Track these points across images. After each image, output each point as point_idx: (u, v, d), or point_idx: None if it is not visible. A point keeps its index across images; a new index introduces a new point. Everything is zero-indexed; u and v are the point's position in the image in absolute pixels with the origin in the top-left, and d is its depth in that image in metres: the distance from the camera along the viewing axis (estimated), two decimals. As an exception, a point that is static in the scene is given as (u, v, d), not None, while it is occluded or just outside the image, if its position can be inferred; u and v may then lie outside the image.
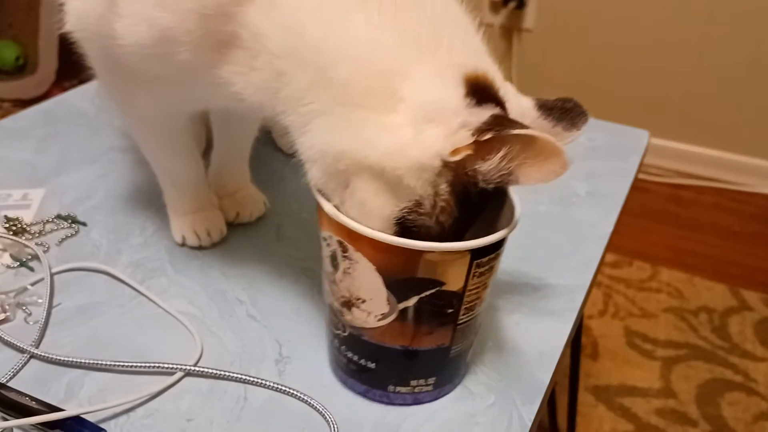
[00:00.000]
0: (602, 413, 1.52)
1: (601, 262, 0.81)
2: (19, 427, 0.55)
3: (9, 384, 0.58)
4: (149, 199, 0.84)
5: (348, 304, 0.57)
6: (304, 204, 0.81)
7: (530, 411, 0.60)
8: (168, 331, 0.66)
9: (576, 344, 1.32)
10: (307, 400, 0.59)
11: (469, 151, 0.50)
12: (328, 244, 0.57)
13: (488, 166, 0.50)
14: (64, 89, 2.54)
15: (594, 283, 0.78)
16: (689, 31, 2.22)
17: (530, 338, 0.67)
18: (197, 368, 0.61)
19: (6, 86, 2.54)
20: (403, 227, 0.53)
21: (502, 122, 0.50)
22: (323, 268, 0.59)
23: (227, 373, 0.61)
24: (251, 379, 0.61)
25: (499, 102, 0.53)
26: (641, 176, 1.00)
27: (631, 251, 1.99)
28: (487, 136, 0.49)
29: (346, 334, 0.59)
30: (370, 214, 0.53)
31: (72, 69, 2.72)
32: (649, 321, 1.78)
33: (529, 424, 0.59)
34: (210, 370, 0.61)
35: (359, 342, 0.58)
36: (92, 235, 0.78)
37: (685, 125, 2.38)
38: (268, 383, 0.60)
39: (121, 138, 0.96)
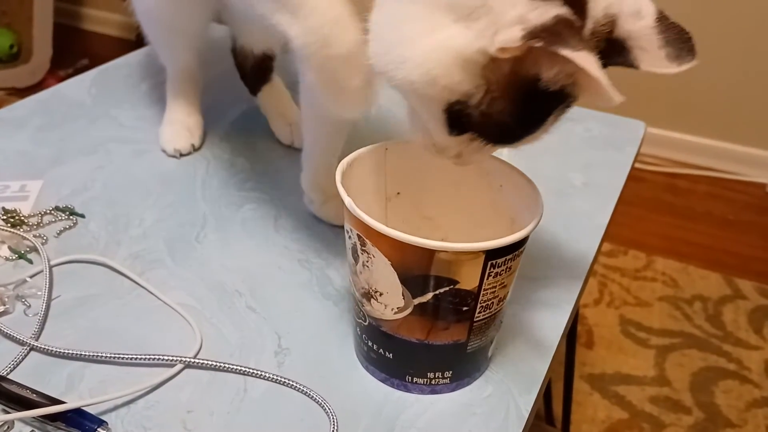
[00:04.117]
0: (597, 401, 1.53)
1: (598, 253, 0.81)
2: (20, 419, 0.55)
3: (9, 377, 0.59)
4: (147, 191, 0.84)
5: (367, 295, 0.58)
6: (302, 195, 0.82)
7: (527, 402, 0.61)
8: (167, 323, 0.66)
9: (571, 333, 1.33)
10: (306, 392, 0.60)
11: (518, 53, 0.46)
12: (350, 237, 0.57)
13: (546, 73, 0.47)
14: (59, 78, 2.54)
15: (590, 273, 0.79)
16: (685, 21, 2.21)
17: (527, 330, 0.68)
18: (197, 360, 0.62)
19: (0, 74, 2.52)
20: (453, 117, 0.51)
21: (560, 31, 0.44)
22: (347, 259, 0.60)
23: (227, 365, 0.62)
24: (251, 370, 0.61)
25: None
26: (636, 165, 1.00)
27: (626, 240, 2.00)
28: (538, 44, 0.44)
29: (366, 323, 0.60)
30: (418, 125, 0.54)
31: (67, 57, 2.73)
32: (643, 309, 1.79)
33: (526, 415, 0.59)
34: (209, 362, 0.62)
35: (378, 332, 0.59)
36: (90, 226, 0.78)
37: (680, 115, 2.38)
38: (267, 375, 0.61)
39: (119, 128, 0.96)
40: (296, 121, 0.94)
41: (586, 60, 0.44)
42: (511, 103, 0.50)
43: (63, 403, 0.55)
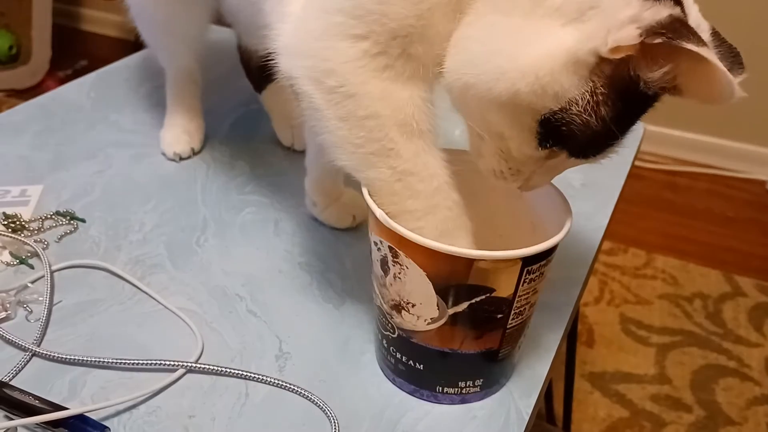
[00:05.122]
0: (598, 400, 1.53)
1: (598, 254, 0.81)
2: (23, 426, 0.55)
3: (11, 383, 0.59)
4: (147, 195, 0.84)
5: (398, 307, 0.57)
6: (302, 198, 0.82)
7: (528, 405, 0.61)
8: (168, 327, 0.66)
9: (572, 332, 1.33)
10: (307, 396, 0.60)
11: (631, 52, 0.46)
12: (379, 249, 0.57)
13: (651, 74, 0.47)
14: (58, 79, 2.54)
15: (590, 273, 0.79)
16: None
17: (527, 331, 0.68)
18: (198, 365, 0.62)
19: (-1, 76, 2.53)
20: (549, 127, 0.51)
21: (679, 29, 0.44)
22: (373, 271, 0.59)
23: (228, 370, 0.62)
24: (252, 375, 0.61)
25: (678, 1, 0.47)
26: (636, 163, 1.00)
27: (626, 238, 2.00)
28: (658, 40, 0.44)
29: (395, 335, 0.59)
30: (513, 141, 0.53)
31: (66, 58, 2.73)
32: (644, 308, 1.79)
33: (527, 418, 0.60)
34: (211, 367, 0.62)
35: (408, 344, 0.59)
36: (91, 231, 0.78)
37: (679, 112, 2.38)
38: (268, 379, 0.61)
39: (118, 132, 0.96)
40: (299, 123, 0.94)
41: (712, 54, 0.44)
42: (612, 108, 0.49)
43: (65, 409, 0.55)
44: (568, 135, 0.51)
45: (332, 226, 0.80)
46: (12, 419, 0.55)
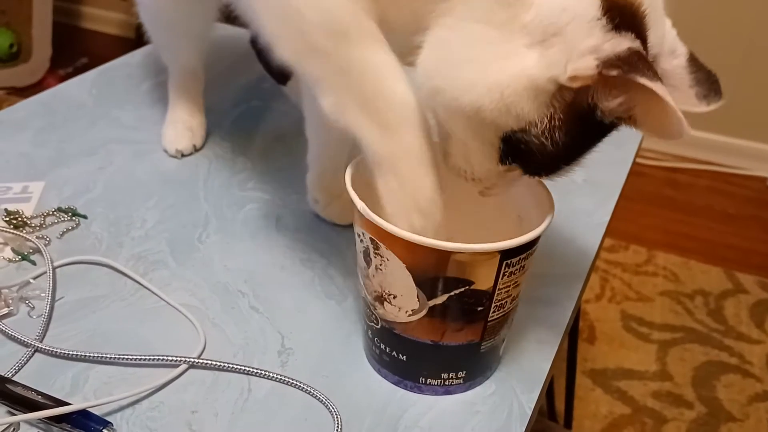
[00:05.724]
0: (599, 396, 1.53)
1: (599, 251, 0.82)
2: (25, 421, 0.55)
3: (14, 378, 0.59)
4: (149, 191, 0.84)
5: (380, 298, 0.58)
6: (304, 195, 0.82)
7: (530, 399, 0.61)
8: (171, 323, 0.66)
9: (573, 329, 1.33)
10: (310, 391, 0.60)
11: (589, 82, 0.48)
12: (362, 241, 0.57)
13: (607, 103, 0.48)
14: (59, 77, 2.54)
15: (592, 270, 0.79)
16: (684, 16, 2.21)
17: (529, 327, 0.68)
18: (201, 360, 0.62)
19: (0, 74, 2.53)
20: (510, 145, 0.52)
21: (635, 62, 0.46)
22: (358, 263, 0.60)
23: (230, 365, 0.62)
24: (254, 370, 0.61)
25: (640, 32, 0.49)
26: (637, 160, 1.00)
27: (627, 235, 2.00)
28: (614, 72, 0.46)
29: (378, 326, 0.60)
30: (473, 155, 0.54)
31: (66, 56, 2.73)
32: (645, 304, 1.79)
33: (529, 413, 0.60)
34: (213, 362, 0.62)
35: (391, 335, 0.59)
36: (93, 228, 0.78)
37: (680, 109, 2.38)
38: (271, 375, 0.61)
39: (120, 129, 0.96)
40: None
41: (664, 90, 0.45)
42: (567, 133, 0.51)
43: (68, 404, 0.55)
44: (526, 154, 0.52)
45: (334, 222, 0.80)
46: (15, 415, 0.55)
